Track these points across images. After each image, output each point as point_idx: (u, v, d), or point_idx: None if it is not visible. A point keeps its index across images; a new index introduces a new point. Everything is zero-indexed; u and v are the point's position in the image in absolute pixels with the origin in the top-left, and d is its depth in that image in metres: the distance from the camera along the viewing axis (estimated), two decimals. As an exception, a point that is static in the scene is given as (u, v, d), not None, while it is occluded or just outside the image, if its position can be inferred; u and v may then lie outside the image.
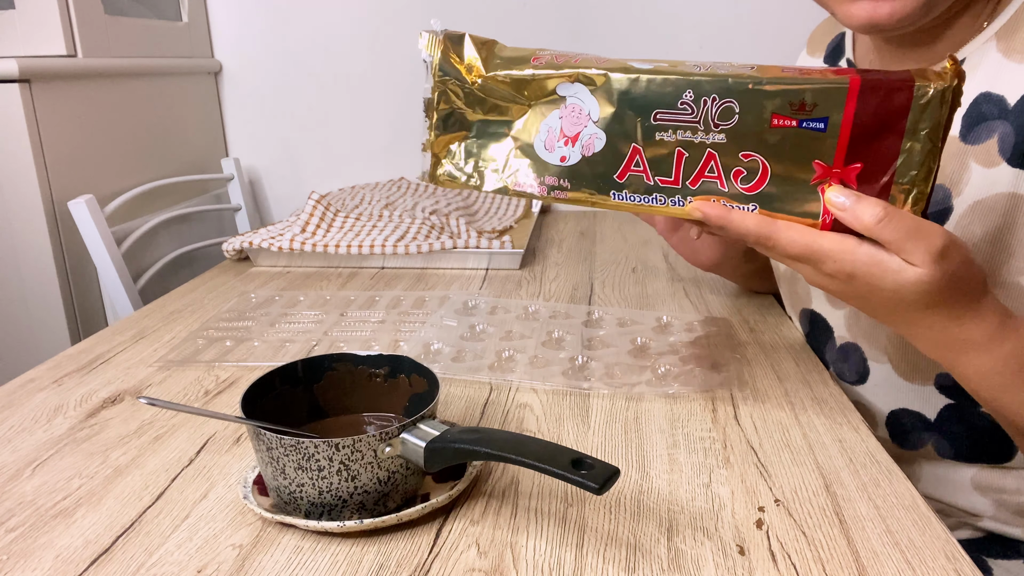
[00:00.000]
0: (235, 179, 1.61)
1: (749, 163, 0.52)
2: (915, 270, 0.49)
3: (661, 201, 0.54)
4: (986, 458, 0.69)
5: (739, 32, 1.55)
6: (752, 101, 0.50)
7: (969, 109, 0.63)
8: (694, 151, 0.52)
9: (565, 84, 0.54)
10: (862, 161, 0.50)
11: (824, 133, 0.50)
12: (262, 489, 0.52)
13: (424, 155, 0.58)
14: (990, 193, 0.62)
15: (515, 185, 0.56)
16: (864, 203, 0.49)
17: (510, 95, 0.55)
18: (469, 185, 0.57)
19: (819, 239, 0.50)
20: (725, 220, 0.52)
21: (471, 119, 0.57)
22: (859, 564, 0.45)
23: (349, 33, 1.62)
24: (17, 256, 1.17)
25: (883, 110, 0.49)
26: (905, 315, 0.53)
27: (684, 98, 0.51)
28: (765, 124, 0.50)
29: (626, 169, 0.54)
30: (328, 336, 0.82)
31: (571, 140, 0.54)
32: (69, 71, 1.21)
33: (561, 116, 0.54)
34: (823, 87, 0.49)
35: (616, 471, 0.43)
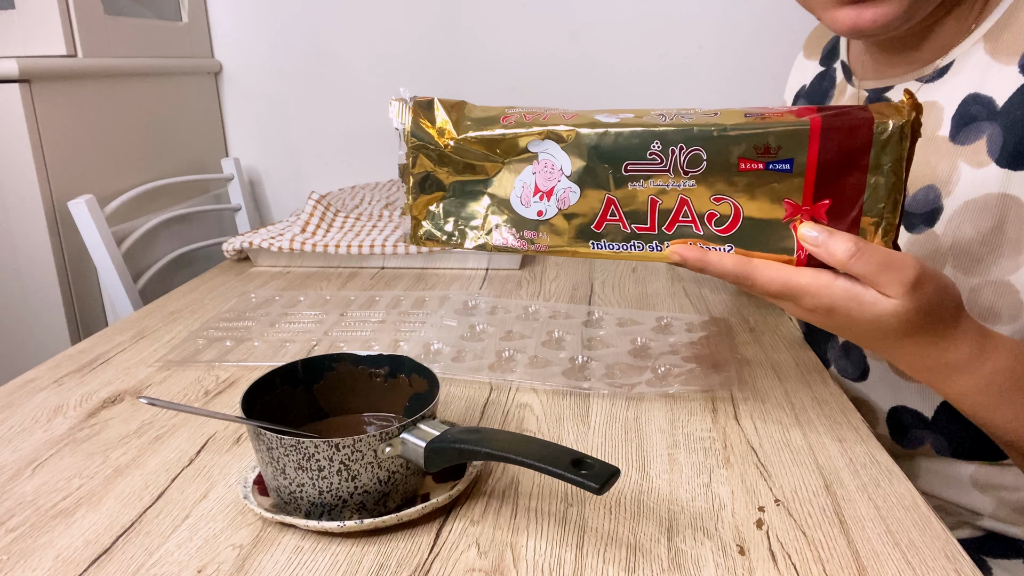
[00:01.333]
0: (235, 179, 1.61)
1: (721, 206, 0.53)
2: (890, 301, 0.50)
3: (639, 248, 0.55)
4: (984, 455, 0.70)
5: (737, 33, 1.55)
6: (718, 147, 0.51)
7: (959, 110, 0.64)
8: (667, 198, 0.53)
9: (536, 141, 0.55)
10: (830, 197, 0.51)
11: (791, 173, 0.51)
12: (262, 489, 0.52)
13: (403, 219, 0.59)
14: (980, 193, 0.62)
15: (496, 242, 0.57)
16: (836, 238, 0.50)
17: (483, 154, 0.56)
18: (451, 244, 0.58)
19: (796, 276, 0.51)
20: (703, 263, 0.53)
21: (447, 180, 0.58)
22: (859, 564, 0.45)
23: (349, 33, 1.62)
24: (17, 256, 1.17)
25: (845, 148, 0.50)
26: (884, 343, 0.54)
27: (652, 148, 0.52)
28: (733, 168, 0.52)
29: (603, 219, 0.55)
30: (328, 336, 0.82)
31: (546, 195, 0.56)
32: (69, 71, 1.21)
33: (535, 172, 0.56)
34: (785, 130, 0.50)
35: (616, 471, 0.43)
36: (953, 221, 0.64)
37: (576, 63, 1.61)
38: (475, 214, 0.58)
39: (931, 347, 0.54)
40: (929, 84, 0.68)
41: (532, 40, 1.61)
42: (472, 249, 0.58)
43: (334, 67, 1.64)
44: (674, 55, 1.59)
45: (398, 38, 1.61)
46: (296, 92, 1.66)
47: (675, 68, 1.59)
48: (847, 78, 0.79)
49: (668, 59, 1.59)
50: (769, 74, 1.55)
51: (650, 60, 1.59)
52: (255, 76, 1.67)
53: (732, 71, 1.58)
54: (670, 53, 1.59)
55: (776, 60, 1.54)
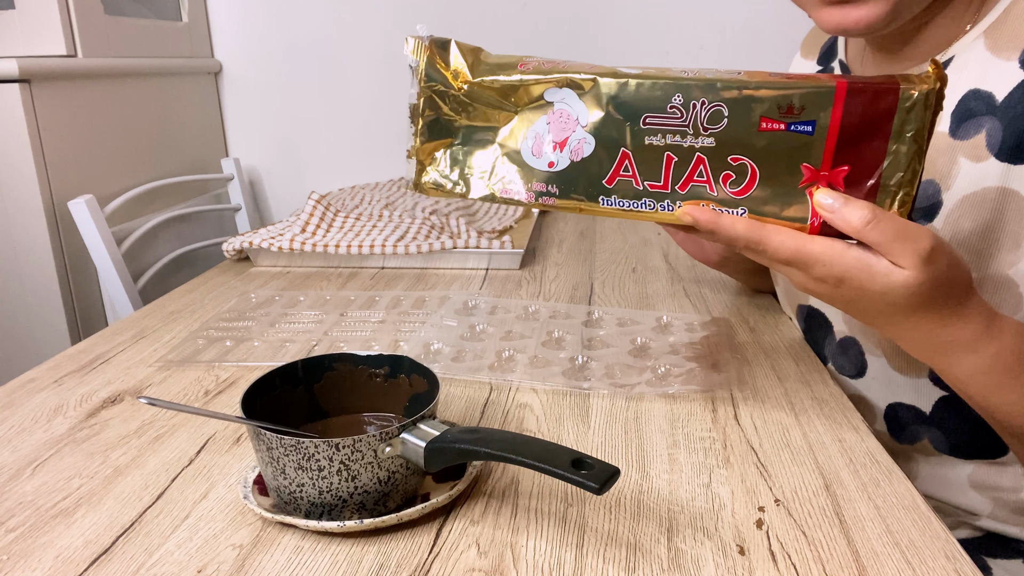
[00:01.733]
0: (235, 179, 1.61)
1: (738, 167, 0.52)
2: (903, 272, 0.50)
3: (650, 206, 0.54)
4: (981, 453, 0.70)
5: (737, 33, 1.55)
6: (741, 104, 0.50)
7: (958, 105, 0.64)
8: (683, 155, 0.52)
9: (553, 89, 0.54)
10: (849, 164, 0.51)
11: (812, 136, 0.50)
12: (262, 489, 0.52)
13: (409, 162, 0.57)
14: (979, 187, 0.63)
15: (502, 192, 0.56)
16: (852, 205, 0.49)
17: (496, 101, 0.55)
18: (455, 193, 0.57)
19: (808, 243, 0.51)
20: (715, 225, 0.52)
21: (457, 125, 0.56)
22: (859, 564, 0.45)
23: (349, 33, 1.62)
24: (17, 256, 1.17)
25: (869, 113, 0.49)
26: (893, 318, 0.54)
27: (673, 102, 0.51)
28: (753, 127, 0.51)
29: (615, 174, 0.54)
30: (328, 336, 0.82)
31: (559, 145, 0.54)
32: (69, 71, 1.21)
33: (548, 122, 0.54)
34: (811, 90, 0.50)
35: (616, 471, 0.43)
36: (952, 215, 0.64)
37: (576, 63, 1.61)
38: (483, 163, 0.56)
39: (938, 324, 0.53)
40: None
41: (532, 41, 1.61)
42: (477, 199, 0.56)
43: (334, 67, 1.64)
44: (674, 55, 1.59)
45: (398, 38, 1.61)
46: (296, 92, 1.66)
47: (675, 68, 1.59)
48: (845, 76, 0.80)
49: (668, 59, 1.59)
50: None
51: (650, 60, 1.59)
52: (255, 76, 1.67)
53: (732, 71, 1.58)
54: (670, 53, 1.59)
55: (776, 60, 1.54)
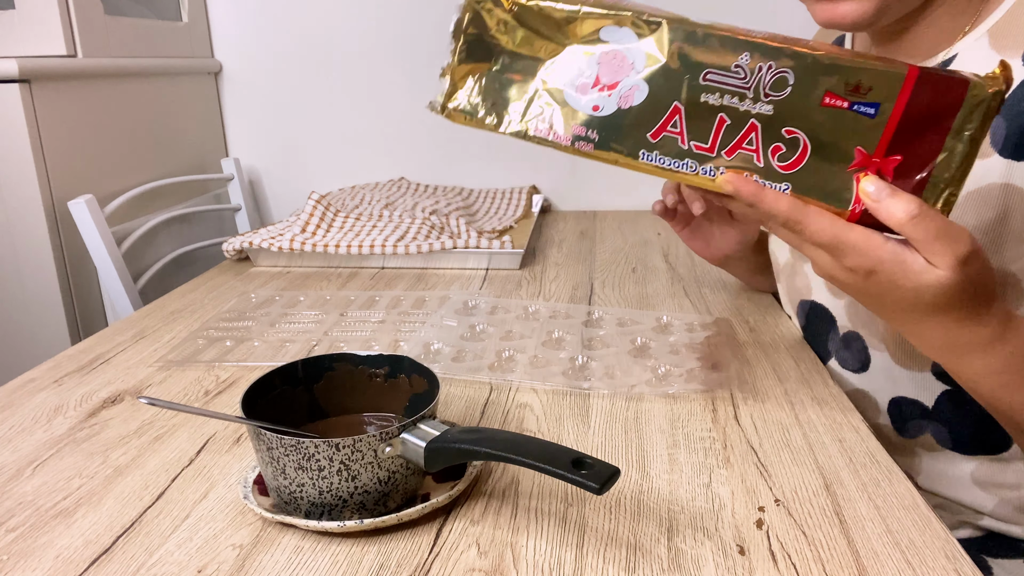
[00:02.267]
0: (235, 179, 1.61)
1: (790, 140, 0.49)
2: (937, 272, 0.49)
3: (691, 168, 0.51)
4: (984, 448, 0.70)
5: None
6: (809, 75, 0.48)
7: None
8: (737, 119, 0.49)
9: (612, 28, 0.50)
10: (903, 154, 0.49)
11: (872, 119, 0.48)
12: (262, 489, 0.52)
13: (441, 81, 0.53)
14: (983, 183, 0.63)
15: (536, 130, 0.52)
16: (899, 198, 0.48)
17: (546, 30, 0.51)
18: (483, 124, 0.53)
19: (847, 231, 0.50)
20: (758, 198, 0.50)
21: (499, 50, 0.52)
22: (859, 564, 0.45)
23: (349, 33, 1.62)
24: (17, 256, 1.17)
25: (934, 104, 0.48)
26: (915, 315, 0.53)
27: (739, 61, 0.48)
28: (816, 101, 0.48)
29: (662, 128, 0.50)
30: (328, 336, 0.82)
31: (608, 88, 0.50)
32: (69, 71, 1.21)
33: (600, 62, 0.50)
34: (882, 71, 0.47)
35: (616, 471, 0.43)
36: (956, 211, 0.64)
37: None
38: (519, 96, 0.52)
39: (957, 324, 0.53)
40: None
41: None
42: (507, 134, 0.52)
43: (334, 67, 1.64)
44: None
45: (398, 38, 1.61)
46: (296, 92, 1.66)
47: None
48: None
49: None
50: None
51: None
52: (255, 76, 1.67)
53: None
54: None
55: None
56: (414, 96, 1.63)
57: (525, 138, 0.52)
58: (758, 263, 0.92)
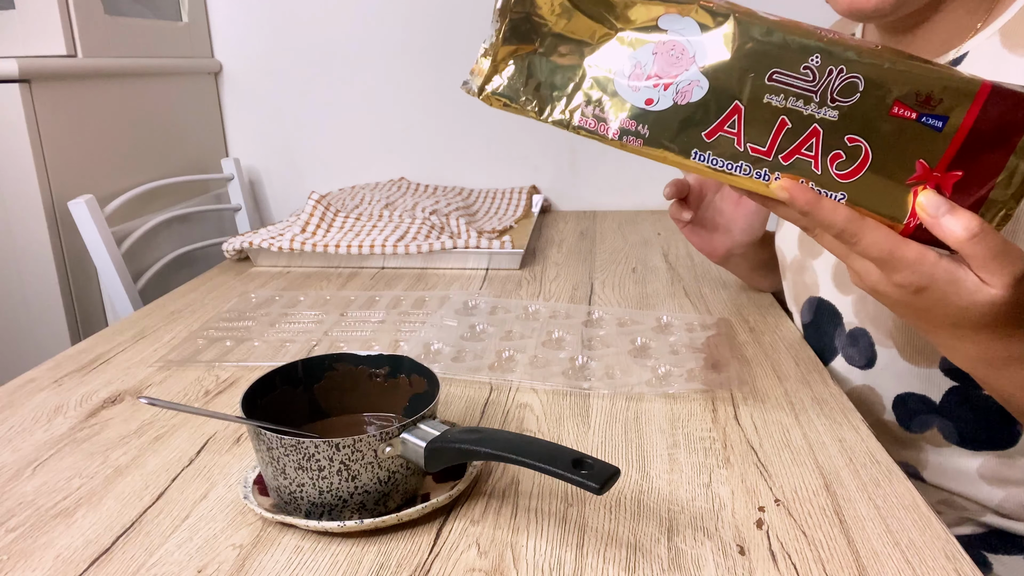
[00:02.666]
0: (235, 179, 1.61)
1: (852, 148, 0.47)
2: (991, 291, 0.48)
3: (745, 171, 0.49)
4: (991, 444, 0.70)
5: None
6: (879, 83, 0.46)
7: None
8: (799, 123, 0.47)
9: (673, 16, 0.47)
10: (964, 170, 0.47)
11: (939, 132, 0.46)
12: (262, 489, 0.52)
13: (480, 62, 0.50)
14: None
15: (581, 121, 0.49)
16: (958, 215, 0.47)
17: (600, 13, 0.48)
18: (524, 110, 0.49)
19: (903, 247, 0.48)
20: (814, 207, 0.48)
21: (546, 31, 0.49)
22: (859, 564, 0.45)
23: (349, 33, 1.62)
24: (17, 256, 1.17)
25: (1004, 121, 0.46)
26: (958, 331, 0.53)
27: (809, 63, 0.46)
28: (884, 110, 0.46)
29: (718, 128, 0.48)
30: (328, 336, 0.82)
31: (664, 81, 0.48)
32: (69, 71, 1.21)
33: (655, 52, 0.47)
34: (954, 84, 0.46)
35: (616, 471, 0.43)
36: None
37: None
38: (564, 83, 0.49)
39: (999, 339, 0.53)
40: None
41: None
42: (549, 122, 0.49)
43: (334, 67, 1.64)
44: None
45: (399, 38, 1.61)
46: (296, 92, 1.66)
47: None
48: None
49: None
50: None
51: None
52: (255, 76, 1.67)
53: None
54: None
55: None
56: (414, 96, 1.63)
57: (568, 128, 0.49)
58: (760, 260, 0.92)
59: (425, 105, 1.63)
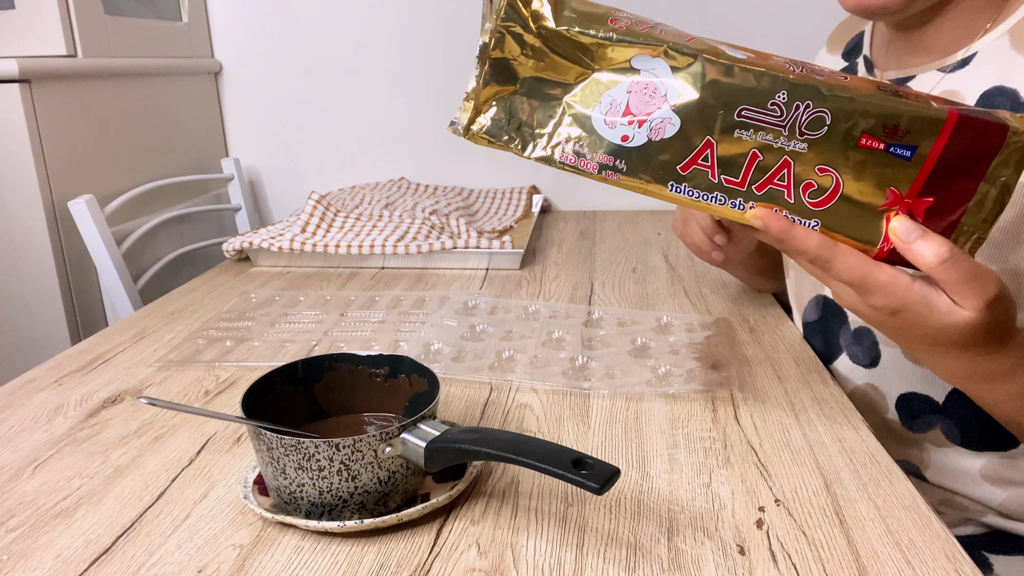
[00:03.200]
0: (235, 179, 1.61)
1: (823, 178, 0.49)
2: (963, 314, 0.49)
3: (721, 201, 0.51)
4: (994, 445, 0.70)
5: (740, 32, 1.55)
6: (846, 116, 0.47)
7: (980, 102, 0.67)
8: (770, 156, 0.49)
9: (644, 57, 0.49)
10: (935, 196, 0.49)
11: (908, 161, 0.48)
12: (262, 489, 0.52)
13: (464, 104, 0.52)
14: None
15: (562, 157, 0.51)
16: (929, 240, 0.48)
17: (575, 55, 0.50)
18: (509, 147, 0.52)
19: (876, 272, 0.50)
20: (787, 235, 0.50)
21: (524, 74, 0.51)
22: (859, 564, 0.45)
23: (349, 33, 1.62)
24: (17, 256, 1.17)
25: (971, 149, 0.47)
26: (938, 349, 0.54)
27: (776, 99, 0.48)
28: (853, 141, 0.48)
29: (692, 162, 0.50)
30: (328, 336, 0.82)
31: (638, 120, 0.50)
32: (69, 71, 1.21)
33: (630, 91, 0.49)
34: (920, 115, 0.47)
35: (616, 471, 0.43)
36: None
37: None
38: (545, 121, 0.51)
39: (980, 357, 0.54)
40: (951, 74, 0.70)
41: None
42: (532, 159, 0.51)
43: (334, 67, 1.64)
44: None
45: (398, 38, 1.61)
46: (296, 92, 1.66)
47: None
48: (868, 71, 0.81)
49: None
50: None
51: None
52: (255, 76, 1.67)
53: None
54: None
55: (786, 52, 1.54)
56: (414, 96, 1.63)
57: (550, 164, 0.51)
58: (758, 266, 0.92)
59: (425, 105, 1.63)
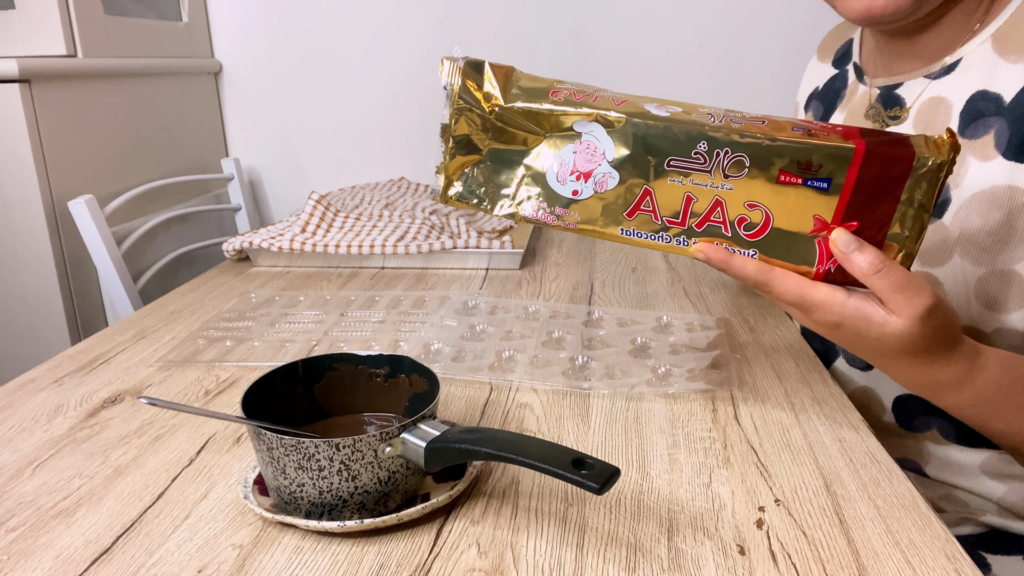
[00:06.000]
0: (235, 179, 1.61)
1: (753, 213, 0.54)
2: (898, 323, 0.52)
3: (666, 240, 0.56)
4: (991, 442, 0.70)
5: (737, 33, 1.55)
6: (762, 157, 0.52)
7: (967, 106, 0.66)
8: (703, 197, 0.54)
9: (583, 122, 0.55)
10: (859, 220, 0.53)
11: (826, 191, 0.53)
12: (262, 489, 0.52)
13: (437, 176, 0.59)
14: (987, 185, 0.65)
15: (525, 212, 0.58)
16: (864, 251, 0.52)
17: (526, 126, 0.56)
18: (480, 208, 0.59)
19: (811, 290, 0.53)
20: (726, 265, 0.55)
21: (485, 146, 0.58)
22: (859, 564, 0.45)
23: (349, 33, 1.62)
24: (17, 256, 1.17)
25: (883, 176, 0.52)
26: (884, 359, 0.56)
27: (698, 148, 0.53)
28: (772, 179, 0.53)
29: (636, 208, 0.56)
30: (328, 336, 0.82)
31: (584, 176, 0.56)
32: (69, 71, 1.21)
33: (575, 151, 0.56)
34: (829, 151, 0.52)
35: (616, 471, 0.43)
36: (961, 212, 0.66)
37: (576, 63, 1.61)
38: (508, 182, 0.58)
39: (926, 366, 0.56)
40: (937, 81, 0.70)
41: (531, 40, 1.61)
42: (500, 216, 0.58)
43: (334, 67, 1.64)
44: (674, 55, 1.59)
45: (398, 38, 1.61)
46: (296, 92, 1.66)
47: (675, 68, 1.59)
48: (859, 78, 0.82)
49: (668, 59, 1.59)
50: (769, 74, 1.55)
51: (650, 60, 1.59)
52: (255, 76, 1.67)
53: (732, 71, 1.58)
54: (670, 53, 1.59)
55: (776, 60, 1.54)
56: (414, 96, 1.63)
57: (515, 219, 0.58)
58: None
59: (425, 105, 1.63)
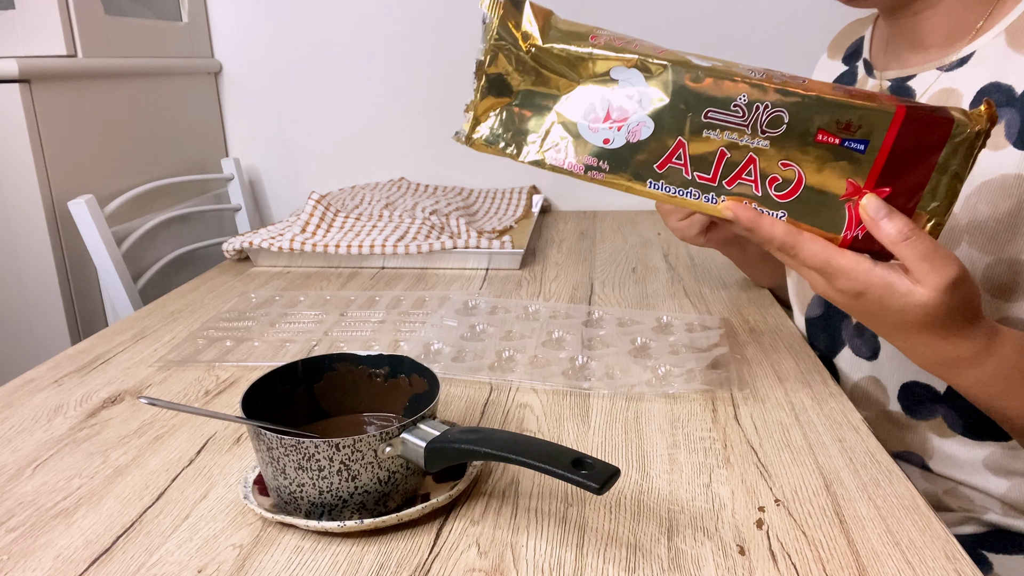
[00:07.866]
0: (235, 179, 1.61)
1: (786, 172, 0.53)
2: (923, 293, 0.52)
3: (695, 196, 0.55)
4: (995, 434, 0.71)
5: (737, 33, 1.55)
6: (802, 114, 0.52)
7: (977, 98, 0.68)
8: (736, 153, 0.54)
9: (621, 68, 0.54)
10: (891, 186, 0.53)
11: (862, 155, 0.52)
12: (262, 489, 0.52)
13: (465, 115, 0.58)
14: (996, 174, 0.65)
15: (552, 160, 0.56)
16: (895, 219, 0.52)
17: (562, 69, 0.55)
18: (505, 152, 0.57)
19: (837, 256, 0.53)
20: (755, 224, 0.54)
21: (517, 87, 0.56)
22: (859, 564, 0.45)
23: (349, 33, 1.62)
24: (17, 256, 1.17)
25: (920, 142, 0.51)
26: (904, 332, 0.56)
27: (738, 100, 0.52)
28: (810, 138, 0.52)
29: (667, 160, 0.55)
30: (328, 336, 0.82)
31: (618, 124, 0.55)
32: (69, 71, 1.21)
33: (611, 98, 0.55)
34: (871, 111, 0.51)
35: (616, 471, 0.43)
36: (970, 200, 0.67)
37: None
38: (537, 127, 0.57)
39: (943, 341, 0.55)
40: (948, 73, 0.71)
41: (532, 40, 1.60)
42: (526, 163, 0.57)
43: (334, 67, 1.64)
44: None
45: (398, 38, 1.61)
46: (296, 92, 1.66)
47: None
48: (868, 72, 0.82)
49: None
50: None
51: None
52: (255, 76, 1.67)
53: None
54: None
55: (776, 58, 1.54)
56: (414, 96, 1.63)
57: (542, 166, 0.56)
58: (758, 252, 0.92)
59: (425, 105, 1.63)
